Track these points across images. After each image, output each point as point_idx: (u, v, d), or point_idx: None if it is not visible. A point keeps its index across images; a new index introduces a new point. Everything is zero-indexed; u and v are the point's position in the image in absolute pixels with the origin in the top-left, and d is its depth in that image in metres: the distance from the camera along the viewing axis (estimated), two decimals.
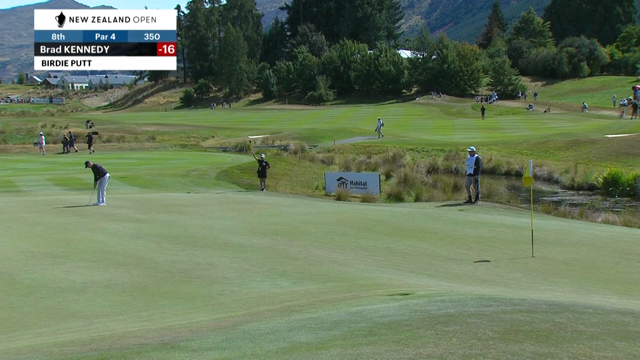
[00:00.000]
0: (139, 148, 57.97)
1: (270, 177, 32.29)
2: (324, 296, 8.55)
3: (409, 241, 15.65)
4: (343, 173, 35.17)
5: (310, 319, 6.63)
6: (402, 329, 5.60)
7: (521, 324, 5.50)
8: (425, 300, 7.16)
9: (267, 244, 14.63)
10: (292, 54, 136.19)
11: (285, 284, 10.30)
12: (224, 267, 11.85)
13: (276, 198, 26.28)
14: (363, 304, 7.23)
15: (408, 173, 34.02)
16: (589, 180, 35.18)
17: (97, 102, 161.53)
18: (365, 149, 52.02)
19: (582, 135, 51.06)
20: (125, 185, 29.35)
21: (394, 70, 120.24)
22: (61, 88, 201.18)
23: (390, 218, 19.84)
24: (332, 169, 42.37)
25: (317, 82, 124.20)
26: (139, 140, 66.31)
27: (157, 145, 61.34)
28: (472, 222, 18.93)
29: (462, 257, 13.76)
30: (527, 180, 15.26)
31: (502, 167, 42.41)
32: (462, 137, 56.27)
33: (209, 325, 6.96)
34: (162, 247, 14.08)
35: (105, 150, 54.95)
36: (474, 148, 23.54)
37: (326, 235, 16.22)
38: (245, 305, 8.55)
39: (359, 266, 12.07)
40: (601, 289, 10.79)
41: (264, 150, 45.16)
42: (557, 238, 16.30)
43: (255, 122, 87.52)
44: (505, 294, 8.23)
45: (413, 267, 12.35)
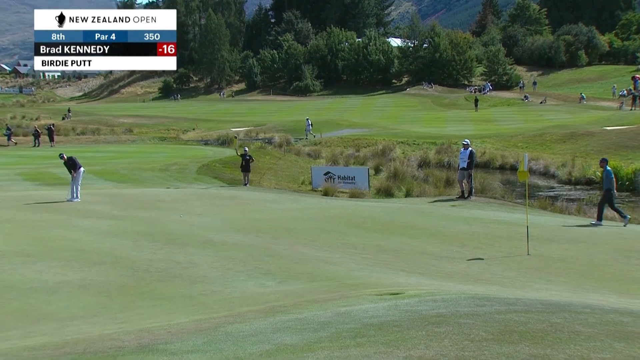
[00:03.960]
0: (115, 141, 57.68)
1: (254, 172, 32.21)
2: (310, 296, 8.55)
3: (399, 238, 15.68)
4: (330, 167, 35.16)
5: (296, 320, 6.63)
6: (392, 330, 5.61)
7: (516, 324, 5.52)
8: (416, 300, 7.18)
9: (251, 241, 14.61)
10: (277, 42, 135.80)
11: (269, 283, 10.30)
12: (205, 266, 11.82)
13: (260, 193, 26.24)
14: (351, 304, 7.24)
15: (398, 167, 34.08)
16: (587, 174, 35.39)
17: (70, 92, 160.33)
18: (353, 142, 52.02)
19: (579, 127, 51.35)
20: (100, 180, 29.20)
21: (383, 60, 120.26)
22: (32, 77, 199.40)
23: (380, 214, 19.87)
24: (319, 162, 42.34)
25: (303, 72, 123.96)
26: (115, 132, 65.97)
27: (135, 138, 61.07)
28: (465, 218, 18.99)
29: (455, 255, 13.80)
30: (522, 174, 15.32)
31: (496, 160, 42.58)
32: (455, 130, 56.43)
33: (190, 327, 6.95)
34: (140, 245, 14.02)
35: (80, 143, 54.60)
36: (468, 141, 23.60)
37: (313, 232, 16.22)
38: (228, 306, 8.53)
39: (347, 264, 12.08)
40: (599, 287, 10.87)
41: (247, 144, 45.06)
42: (553, 235, 16.39)
43: (238, 114, 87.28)
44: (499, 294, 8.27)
45: (403, 265, 12.38)
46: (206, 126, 72.14)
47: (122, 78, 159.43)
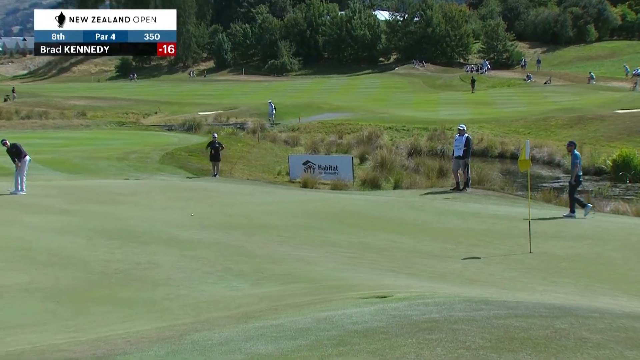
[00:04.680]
0: (66, 126, 57.21)
1: (224, 161, 32.13)
2: (288, 300, 8.56)
3: (387, 235, 15.73)
4: (310, 156, 35.15)
5: (271, 326, 6.63)
6: (379, 337, 5.62)
7: (516, 330, 5.56)
8: (405, 304, 7.21)
9: (221, 239, 14.59)
10: (250, 16, 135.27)
11: (241, 286, 10.30)
12: (169, 267, 11.79)
13: (231, 185, 26.18)
14: (333, 309, 7.25)
15: (386, 156, 34.14)
16: (596, 163, 35.66)
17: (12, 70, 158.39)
18: (336, 127, 52.01)
19: (588, 110, 51.70)
20: (49, 170, 28.98)
21: (369, 35, 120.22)
22: None
23: (365, 208, 19.91)
24: (297, 151, 42.29)
25: (279, 48, 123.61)
26: (66, 116, 65.41)
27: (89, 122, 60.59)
28: (460, 212, 19.08)
29: (449, 254, 13.87)
30: (524, 163, 15.40)
31: (495, 148, 42.78)
32: (449, 114, 56.59)
33: (151, 336, 6.93)
34: (95, 243, 13.95)
35: (25, 129, 54.11)
36: (463, 126, 23.68)
37: (290, 228, 16.22)
38: (195, 312, 8.52)
39: (328, 264, 12.10)
40: (609, 289, 10.97)
41: (216, 130, 44.90)
42: (558, 231, 16.52)
43: (205, 96, 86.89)
44: (498, 296, 8.32)
45: (391, 265, 12.42)
46: (170, 110, 71.75)
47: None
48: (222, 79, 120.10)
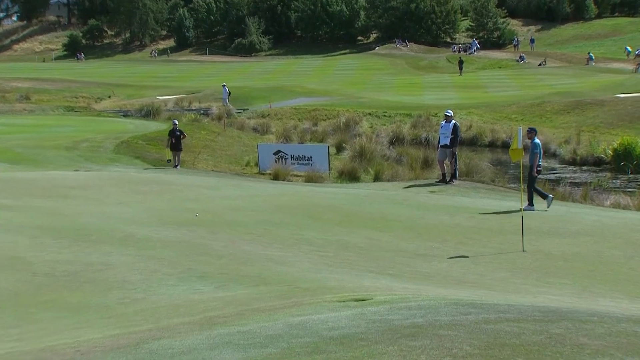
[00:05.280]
0: (7, 111, 56.70)
1: (186, 150, 32.03)
2: (257, 304, 8.56)
3: (367, 232, 15.76)
4: (282, 145, 35.12)
5: (239, 333, 6.63)
6: (357, 344, 5.64)
7: (507, 336, 5.60)
8: (386, 308, 7.23)
9: (183, 237, 14.54)
10: None
11: (205, 288, 10.27)
12: (124, 268, 11.73)
13: (194, 177, 26.10)
14: (307, 314, 7.26)
15: (365, 145, 34.19)
16: (595, 152, 35.97)
17: None
18: (310, 113, 52.01)
19: (586, 94, 52.12)
20: None
21: (346, 11, 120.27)
22: None
23: (343, 203, 19.93)
24: (268, 139, 42.27)
25: (246, 26, 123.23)
26: (7, 100, 64.80)
27: (33, 107, 60.10)
28: (446, 207, 19.16)
29: (434, 252, 13.93)
30: (516, 153, 15.48)
31: (485, 136, 43.04)
32: (435, 98, 56.79)
33: (105, 344, 6.90)
34: (41, 242, 13.84)
35: None
36: (450, 112, 23.77)
37: (260, 225, 16.21)
38: (153, 317, 8.49)
39: (302, 265, 12.11)
40: (609, 291, 11.07)
41: (177, 116, 44.74)
42: (554, 227, 16.64)
43: (165, 78, 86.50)
44: (487, 299, 8.37)
45: (371, 265, 12.45)
46: (125, 93, 71.34)
47: (14, 30, 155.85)
48: (183, 60, 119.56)
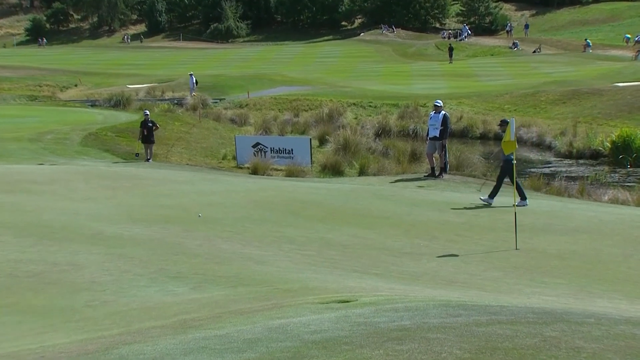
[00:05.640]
0: None
1: (159, 143, 31.94)
2: (234, 306, 8.56)
3: (351, 229, 15.78)
4: (261, 137, 35.12)
5: (215, 337, 6.62)
6: (341, 348, 5.65)
7: (500, 339, 5.62)
8: (371, 310, 7.25)
9: (155, 235, 14.51)
10: None
11: (180, 290, 10.26)
12: (93, 268, 11.69)
13: (168, 171, 26.03)
14: (287, 316, 7.27)
15: (349, 137, 34.22)
16: (593, 145, 36.12)
17: None
18: (291, 103, 51.96)
19: (583, 83, 52.31)
20: None
21: None
22: None
23: (326, 198, 19.94)
24: (246, 131, 42.21)
25: (223, 10, 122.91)
26: None
27: None
28: (435, 202, 19.20)
29: (422, 251, 13.96)
30: (509, 145, 15.50)
31: (476, 128, 43.13)
32: (423, 88, 56.87)
33: (71, 350, 6.88)
34: (2, 241, 13.77)
35: None
36: (440, 102, 23.79)
37: (237, 222, 16.20)
38: (124, 321, 8.47)
39: (282, 264, 12.11)
40: (607, 291, 11.14)
41: (149, 106, 44.57)
42: (549, 224, 16.71)
43: (136, 66, 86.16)
44: (479, 300, 8.40)
45: (356, 264, 12.47)
46: (93, 81, 71.02)
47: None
48: (155, 46, 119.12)
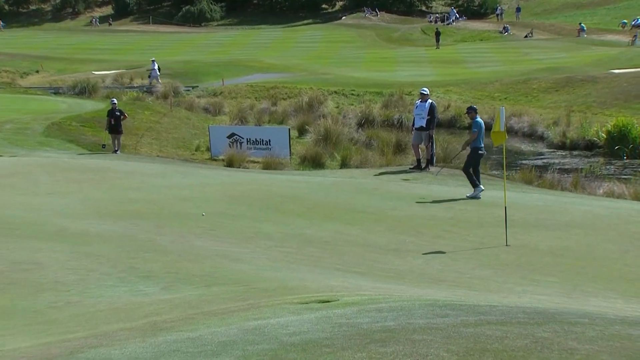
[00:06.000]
0: None
1: (127, 133, 31.83)
2: (208, 306, 8.55)
3: (332, 225, 15.79)
4: (236, 127, 35.07)
5: (188, 339, 6.61)
6: (321, 351, 5.66)
7: (489, 340, 5.64)
8: (354, 310, 7.26)
9: (124, 231, 14.47)
10: None
11: (150, 290, 10.24)
12: (56, 267, 11.64)
13: (137, 164, 25.95)
14: (264, 317, 7.27)
15: (331, 127, 34.20)
16: (587, 135, 36.26)
17: None
18: (268, 91, 51.88)
19: (577, 70, 52.50)
20: None
21: None
22: None
23: (306, 192, 19.94)
24: (221, 121, 42.15)
25: None
26: None
27: None
28: (421, 196, 19.24)
29: (408, 247, 13.99)
30: (498, 136, 15.52)
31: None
32: (408, 75, 56.91)
33: (33, 354, 6.85)
34: None
35: None
36: (426, 90, 23.81)
37: (212, 218, 16.18)
38: (90, 323, 8.45)
39: (259, 262, 12.11)
40: (602, 289, 11.20)
41: (116, 94, 44.40)
42: (541, 218, 16.79)
43: (103, 51, 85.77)
44: (467, 300, 8.44)
45: (337, 262, 12.48)
46: (56, 67, 70.66)
47: None
48: (123, 29, 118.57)
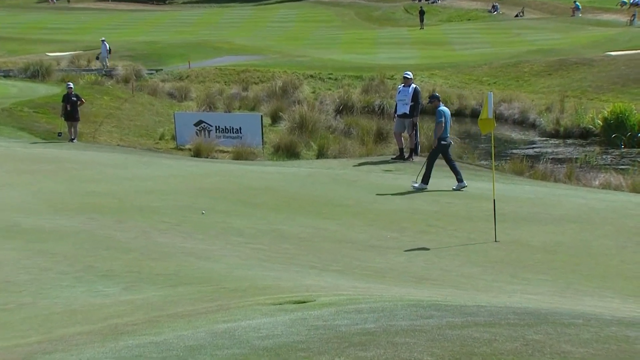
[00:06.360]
0: None
1: (85, 120, 31.68)
2: (173, 308, 8.54)
3: (308, 220, 15.79)
4: (204, 114, 34.98)
5: (151, 344, 6.61)
6: (296, 355, 5.67)
7: (477, 344, 5.67)
8: (331, 311, 7.27)
9: (82, 227, 14.42)
10: None
11: (110, 290, 10.21)
12: (8, 266, 11.60)
13: (95, 153, 25.85)
14: (235, 319, 7.27)
15: (307, 114, 34.15)
16: (582, 122, 36.37)
17: None
18: (239, 75, 51.77)
19: (572, 52, 52.65)
20: None
21: None
22: None
23: (279, 184, 19.92)
24: (187, 107, 41.99)
25: None
26: None
27: None
28: (404, 188, 19.27)
29: (389, 244, 14.01)
30: (486, 123, 15.52)
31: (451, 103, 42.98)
32: (390, 57, 56.93)
33: None
34: None
35: None
36: (410, 74, 23.80)
37: (178, 212, 16.15)
38: (45, 326, 8.42)
39: (229, 260, 12.10)
40: (597, 288, 11.26)
41: (73, 78, 44.16)
42: (533, 212, 16.84)
43: (58, 30, 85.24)
44: (453, 300, 8.47)
45: (314, 259, 12.49)
46: (6, 48, 70.19)
47: None
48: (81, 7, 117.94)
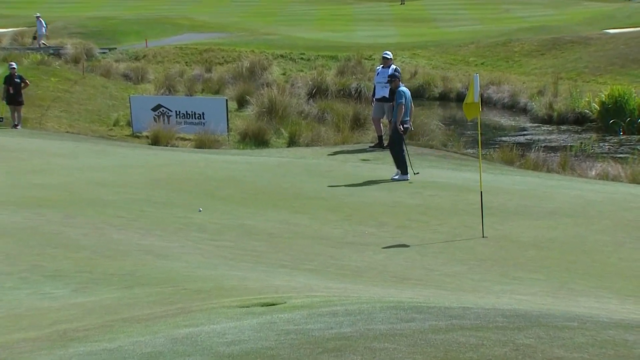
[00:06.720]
0: None
1: (29, 104, 31.54)
2: (129, 311, 8.52)
3: (278, 214, 15.79)
4: (163, 97, 34.91)
5: (105, 351, 6.59)
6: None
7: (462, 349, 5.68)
8: (303, 314, 7.27)
9: (27, 222, 14.36)
10: None
11: (59, 292, 10.18)
12: None
13: (42, 141, 25.75)
14: (197, 323, 7.26)
15: (276, 97, 34.12)
16: (577, 107, 36.52)
17: None
18: (201, 55, 51.69)
19: (566, 30, 52.84)
20: None
21: None
22: None
23: (247, 175, 19.91)
24: (144, 90, 41.87)
25: None
26: None
27: None
28: (383, 179, 19.29)
29: (367, 240, 14.03)
30: (471, 108, 15.50)
31: (434, 86, 43.36)
32: (368, 36, 56.99)
33: None
34: None
35: None
36: (390, 54, 23.86)
37: (134, 205, 16.12)
38: None
39: (191, 258, 12.08)
40: (593, 288, 11.32)
41: (16, 57, 43.90)
42: (523, 205, 16.91)
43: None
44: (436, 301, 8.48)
45: (284, 257, 12.49)
46: None
47: None
48: None
